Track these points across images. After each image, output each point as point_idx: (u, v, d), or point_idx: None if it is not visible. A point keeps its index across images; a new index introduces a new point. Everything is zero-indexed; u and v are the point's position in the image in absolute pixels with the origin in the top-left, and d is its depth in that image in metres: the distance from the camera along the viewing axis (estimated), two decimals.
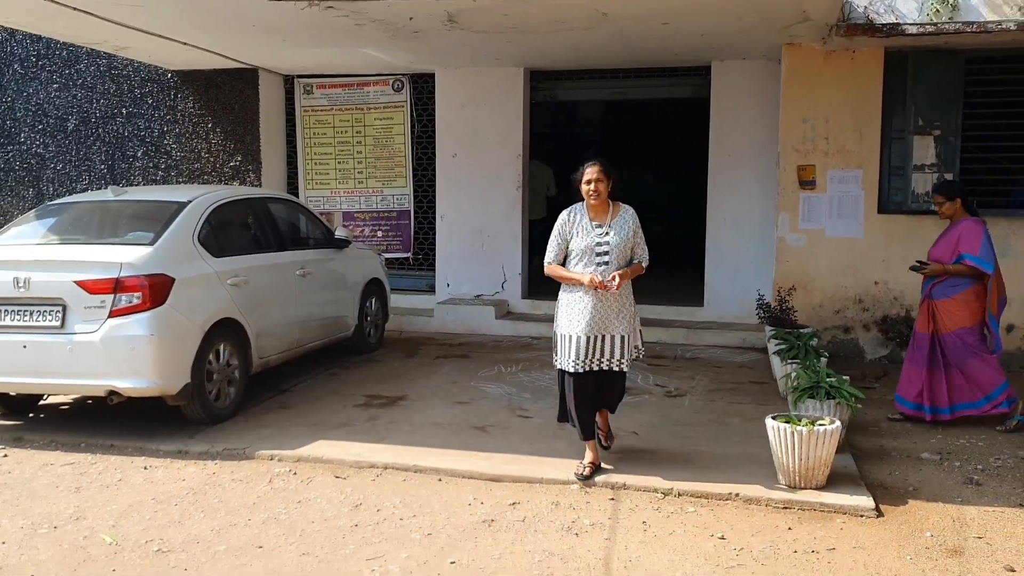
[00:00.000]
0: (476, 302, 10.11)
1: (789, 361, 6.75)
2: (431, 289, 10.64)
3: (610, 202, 5.27)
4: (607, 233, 5.21)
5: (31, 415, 6.67)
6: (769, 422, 5.18)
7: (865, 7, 8.04)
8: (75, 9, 7.39)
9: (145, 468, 5.53)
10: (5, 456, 5.79)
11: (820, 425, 5.06)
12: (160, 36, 8.65)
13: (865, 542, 4.48)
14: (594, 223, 5.24)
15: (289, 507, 4.89)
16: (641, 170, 14.57)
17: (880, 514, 4.83)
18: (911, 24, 7.70)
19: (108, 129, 11.04)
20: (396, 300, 10.11)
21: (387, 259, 10.17)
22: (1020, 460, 5.75)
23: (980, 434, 6.29)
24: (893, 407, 6.70)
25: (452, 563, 4.21)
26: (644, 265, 5.36)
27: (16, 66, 11.21)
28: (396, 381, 7.67)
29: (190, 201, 6.54)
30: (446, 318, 9.96)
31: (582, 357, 5.16)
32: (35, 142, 11.22)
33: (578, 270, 5.21)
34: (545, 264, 5.37)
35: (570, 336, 5.19)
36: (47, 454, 5.80)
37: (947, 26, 7.63)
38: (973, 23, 7.58)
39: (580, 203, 5.30)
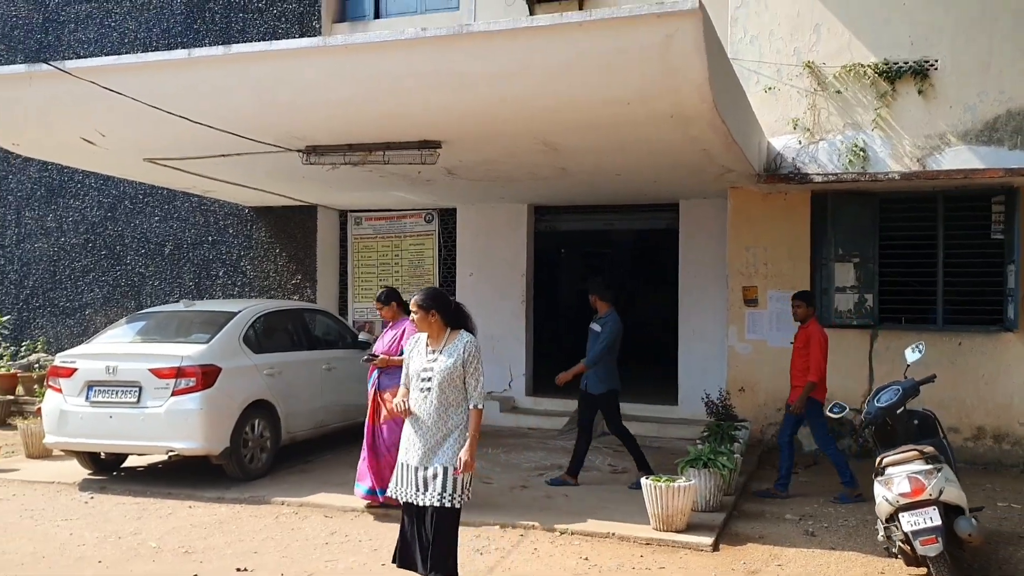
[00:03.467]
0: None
1: (701, 443, 8.34)
2: None
3: (448, 329, 5.18)
4: (435, 359, 5.12)
5: (115, 473, 8.76)
6: (643, 481, 6.84)
7: (793, 159, 9.86)
8: (166, 167, 9.84)
9: (190, 507, 7.50)
10: (92, 498, 7.85)
11: (677, 483, 6.70)
12: (238, 184, 11.07)
13: (691, 565, 6.09)
14: (429, 348, 5.20)
15: (284, 532, 6.76)
16: (637, 286, 16.59)
17: (716, 549, 6.42)
18: (818, 174, 9.49)
19: (196, 253, 13.54)
20: None
21: None
22: (863, 522, 7.18)
23: (849, 503, 7.74)
24: (760, 490, 8.17)
25: (383, 565, 5.99)
26: (480, 407, 5.10)
27: (127, 202, 13.90)
28: None
29: (239, 311, 8.71)
30: None
31: (398, 484, 5.15)
32: (138, 264, 13.80)
33: (412, 395, 5.17)
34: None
35: (402, 463, 5.18)
36: (122, 498, 7.84)
37: (846, 175, 9.41)
38: (866, 173, 9.33)
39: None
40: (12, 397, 12.02)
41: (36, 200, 14.42)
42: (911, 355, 6.61)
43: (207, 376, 7.89)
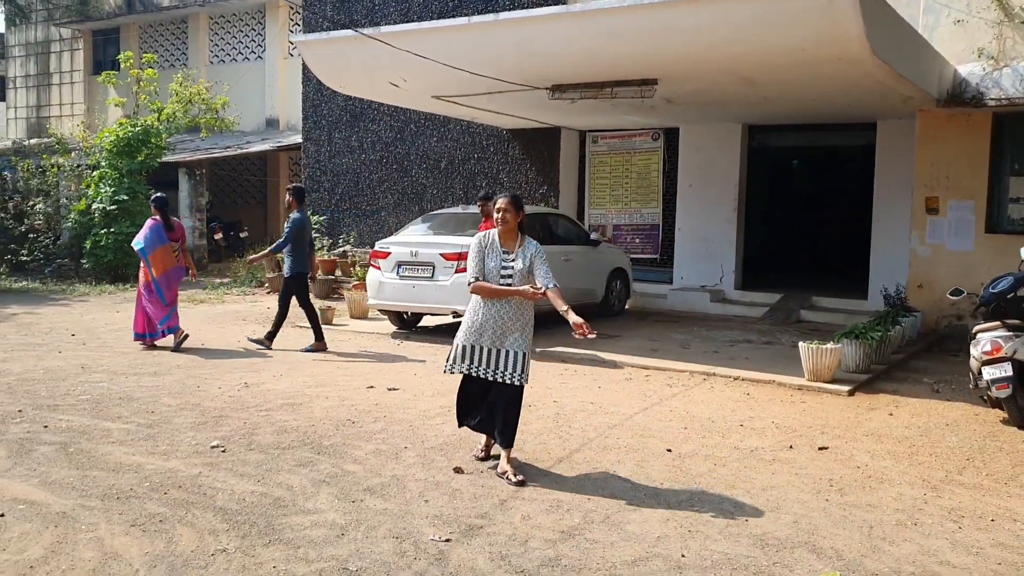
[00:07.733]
0: (698, 289, 14.20)
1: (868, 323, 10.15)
2: (670, 281, 14.89)
3: (519, 233, 5.76)
4: (513, 260, 5.70)
5: (413, 329, 11.98)
6: (800, 343, 8.94)
7: (976, 84, 11.14)
8: (447, 101, 12.73)
9: None
10: (400, 343, 11.05)
11: (824, 345, 8.74)
12: (498, 112, 13.83)
13: (827, 403, 8.20)
14: (503, 249, 5.72)
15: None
16: (841, 198, 17.94)
17: (851, 395, 8.46)
18: (992, 98, 10.76)
19: (465, 167, 16.58)
20: (644, 288, 14.52)
21: (640, 259, 14.61)
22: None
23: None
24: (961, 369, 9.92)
25: (599, 388, 8.59)
26: (557, 286, 5.62)
27: (412, 126, 17.15)
28: (620, 328, 12.11)
29: None
30: (675, 300, 14.16)
31: (467, 362, 5.73)
32: (420, 176, 17.08)
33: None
34: (469, 282, 5.77)
35: (466, 346, 5.75)
36: (420, 343, 10.97)
37: (1020, 99, 10.59)
38: None
39: (492, 230, 5.82)
40: (332, 277, 15.76)
41: (343, 124, 18.03)
42: None
43: None
